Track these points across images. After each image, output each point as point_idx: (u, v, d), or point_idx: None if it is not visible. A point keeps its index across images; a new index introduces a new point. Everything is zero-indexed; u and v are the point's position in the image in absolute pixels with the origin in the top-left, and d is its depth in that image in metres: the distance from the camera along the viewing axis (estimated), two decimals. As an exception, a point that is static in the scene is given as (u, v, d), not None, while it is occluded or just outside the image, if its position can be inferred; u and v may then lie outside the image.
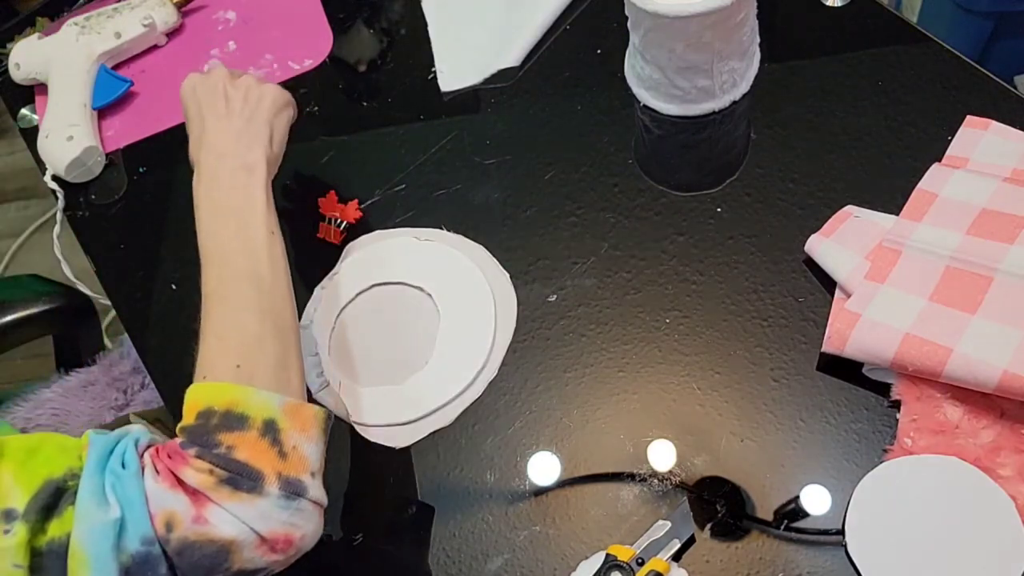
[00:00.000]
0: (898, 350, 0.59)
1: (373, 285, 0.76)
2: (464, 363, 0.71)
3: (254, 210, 0.63)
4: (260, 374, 0.55)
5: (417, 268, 0.76)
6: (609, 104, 0.82)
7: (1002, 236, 0.62)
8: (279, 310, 0.60)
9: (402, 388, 0.71)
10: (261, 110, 0.69)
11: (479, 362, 0.70)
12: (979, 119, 0.71)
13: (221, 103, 0.68)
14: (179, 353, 0.78)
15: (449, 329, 0.73)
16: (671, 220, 0.74)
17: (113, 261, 0.85)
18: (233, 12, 1.01)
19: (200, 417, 0.52)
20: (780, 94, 0.78)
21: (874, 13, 0.80)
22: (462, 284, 0.74)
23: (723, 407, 0.65)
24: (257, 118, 0.68)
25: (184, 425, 0.53)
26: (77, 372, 1.02)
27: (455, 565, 0.63)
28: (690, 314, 0.69)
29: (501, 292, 0.74)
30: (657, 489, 0.63)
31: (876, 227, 0.66)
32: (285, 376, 0.57)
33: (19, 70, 0.97)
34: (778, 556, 0.59)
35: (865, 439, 0.61)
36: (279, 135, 0.70)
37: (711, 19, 0.69)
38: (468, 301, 0.74)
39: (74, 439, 0.52)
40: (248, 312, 0.58)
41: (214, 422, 0.52)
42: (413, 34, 0.93)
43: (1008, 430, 0.58)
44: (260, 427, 0.52)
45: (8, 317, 0.97)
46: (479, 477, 0.66)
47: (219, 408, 0.52)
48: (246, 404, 0.53)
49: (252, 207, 0.63)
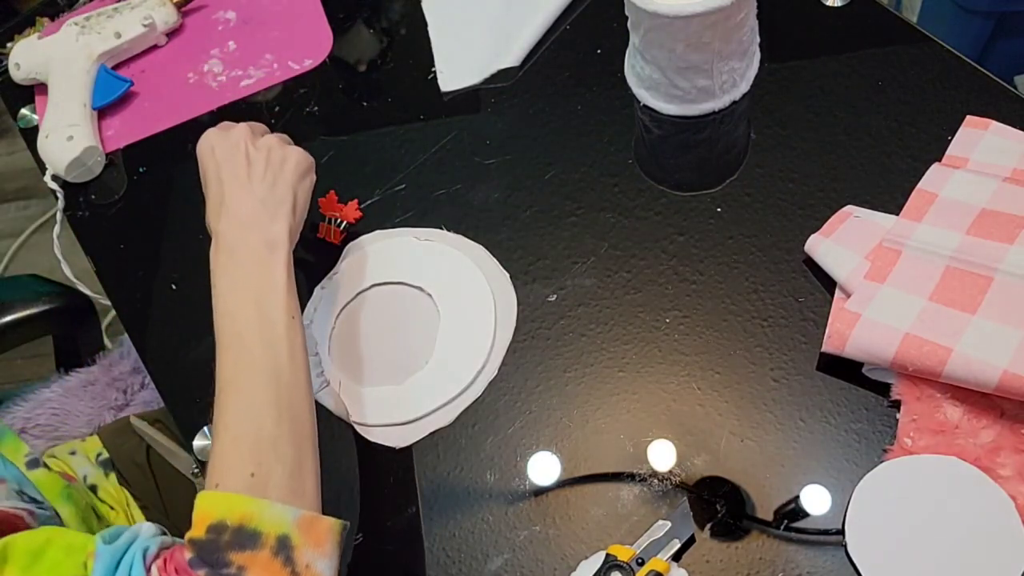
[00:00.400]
0: (898, 350, 0.59)
1: (373, 285, 0.76)
2: (464, 363, 0.71)
3: (275, 292, 0.60)
4: (275, 482, 0.53)
5: (417, 268, 0.76)
6: (609, 104, 0.82)
7: (1002, 236, 0.62)
8: (297, 407, 0.57)
9: (402, 388, 0.71)
10: (285, 175, 0.65)
11: (479, 362, 0.70)
12: (979, 119, 0.71)
13: (243, 166, 0.65)
14: (179, 353, 0.78)
15: (449, 329, 0.73)
16: (671, 220, 0.74)
17: (113, 261, 0.85)
18: (233, 12, 1.01)
19: (211, 531, 0.50)
20: (780, 94, 0.78)
21: (874, 13, 0.80)
22: (462, 284, 0.74)
23: (723, 407, 0.65)
24: (280, 184, 0.65)
25: (194, 537, 0.50)
26: (77, 372, 1.02)
27: (455, 565, 0.63)
28: (690, 314, 0.69)
29: (501, 292, 0.74)
30: (657, 489, 0.63)
31: (876, 227, 0.66)
32: (300, 483, 0.54)
33: (19, 70, 0.97)
34: (778, 556, 0.59)
35: (865, 439, 0.61)
36: (302, 202, 0.67)
37: (711, 19, 0.69)
38: (468, 301, 0.74)
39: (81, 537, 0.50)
40: (265, 410, 0.55)
41: (225, 538, 0.49)
42: (413, 34, 0.93)
43: (1008, 430, 0.58)
44: (273, 545, 0.50)
45: (8, 317, 0.97)
46: (479, 477, 0.66)
47: (231, 523, 0.50)
48: (259, 519, 0.50)
49: (273, 288, 0.60)
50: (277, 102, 0.93)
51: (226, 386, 0.57)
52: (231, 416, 0.55)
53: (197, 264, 0.83)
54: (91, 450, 0.88)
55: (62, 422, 0.97)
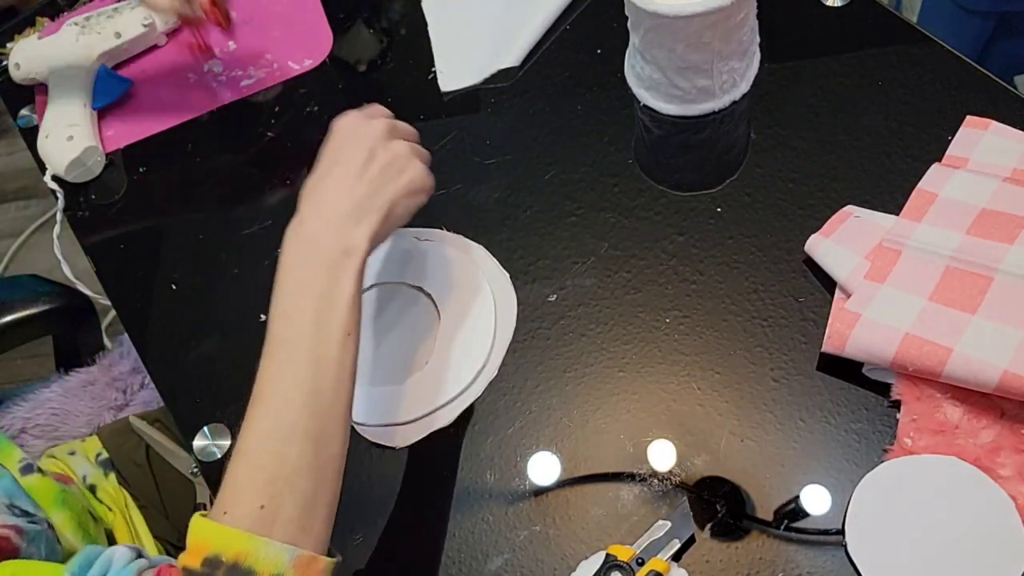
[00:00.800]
0: (898, 350, 0.59)
1: (373, 285, 0.76)
2: (464, 363, 0.71)
3: (337, 304, 0.57)
4: (283, 517, 0.51)
5: (417, 268, 0.76)
6: (609, 104, 0.82)
7: (1002, 236, 0.62)
8: (328, 435, 0.54)
9: (402, 388, 0.71)
10: (393, 186, 0.62)
11: (479, 362, 0.70)
12: (979, 119, 0.71)
13: (359, 161, 0.62)
14: (179, 353, 0.78)
15: (449, 329, 0.73)
16: (671, 220, 0.74)
17: (113, 261, 0.85)
18: (233, 12, 1.01)
19: (205, 565, 0.49)
20: (780, 94, 0.78)
21: (874, 13, 0.80)
22: (462, 284, 0.74)
23: (723, 407, 0.65)
24: (384, 192, 0.62)
25: (189, 567, 0.49)
26: (77, 372, 1.02)
27: (455, 565, 0.63)
28: (690, 314, 0.69)
29: (501, 292, 0.74)
30: (657, 489, 0.63)
31: (876, 227, 0.66)
32: (310, 519, 0.52)
33: (19, 70, 0.97)
34: (778, 556, 0.59)
35: (865, 439, 0.61)
36: (396, 217, 0.63)
37: (711, 19, 0.69)
38: (468, 301, 0.74)
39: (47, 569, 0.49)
40: (292, 437, 0.53)
41: (219, 574, 0.49)
42: (413, 34, 0.93)
43: (1008, 430, 0.58)
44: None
45: (8, 317, 0.97)
46: (479, 477, 0.66)
47: (226, 560, 0.49)
48: (255, 558, 0.49)
49: (336, 299, 0.57)
50: (277, 102, 0.93)
51: (259, 398, 0.54)
52: (254, 439, 0.53)
53: (197, 264, 0.84)
54: (91, 450, 0.88)
55: (62, 422, 0.97)
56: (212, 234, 0.84)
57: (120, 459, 0.87)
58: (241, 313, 0.78)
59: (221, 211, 0.86)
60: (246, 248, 0.82)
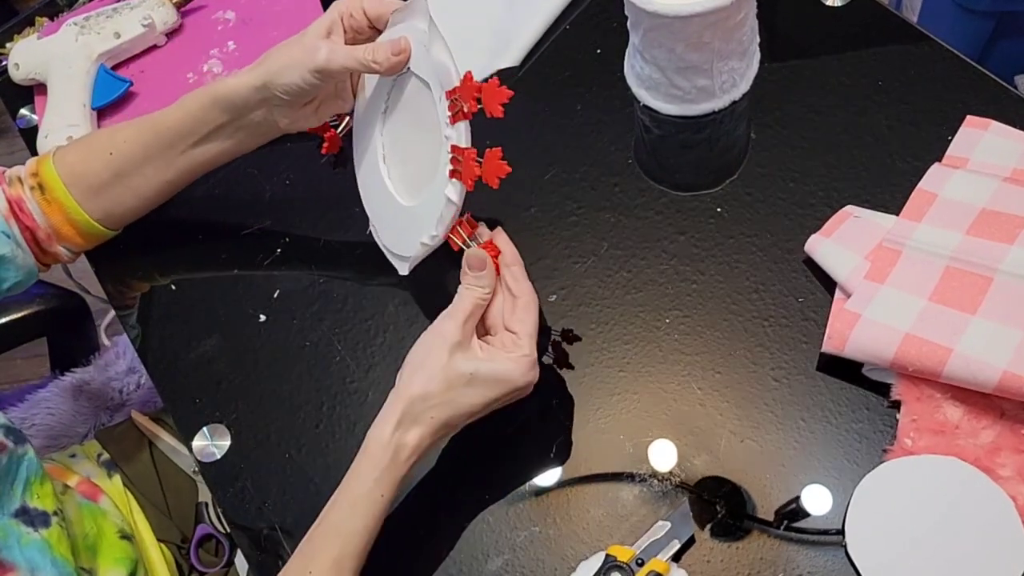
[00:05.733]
0: (898, 350, 0.59)
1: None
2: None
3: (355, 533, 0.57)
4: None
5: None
6: (609, 104, 0.82)
7: (1002, 236, 0.62)
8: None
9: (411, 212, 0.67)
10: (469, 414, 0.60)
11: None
12: (979, 119, 0.71)
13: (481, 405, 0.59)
14: (179, 353, 0.78)
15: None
16: (671, 220, 0.74)
17: (113, 261, 0.85)
18: (232, 12, 1.01)
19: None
20: (780, 94, 0.78)
21: (874, 13, 0.80)
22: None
23: (723, 407, 0.65)
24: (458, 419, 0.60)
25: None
26: (73, 372, 1.02)
27: (455, 565, 0.63)
28: (690, 314, 0.69)
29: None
30: (657, 489, 0.63)
31: (876, 227, 0.66)
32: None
33: (19, 70, 0.97)
34: (778, 556, 0.59)
35: (865, 439, 0.61)
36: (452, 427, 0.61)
37: (711, 19, 0.69)
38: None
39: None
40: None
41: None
42: (413, 34, 0.93)
43: (1008, 430, 0.58)
44: None
45: (2, 319, 0.97)
46: (479, 477, 0.66)
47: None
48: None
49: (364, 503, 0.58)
50: (277, 102, 0.92)
51: None
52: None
53: (197, 264, 0.83)
54: (91, 451, 0.88)
55: (58, 421, 0.97)
56: (212, 234, 0.84)
57: (124, 459, 0.87)
58: (241, 313, 0.78)
59: (221, 211, 0.86)
60: (246, 248, 0.82)
